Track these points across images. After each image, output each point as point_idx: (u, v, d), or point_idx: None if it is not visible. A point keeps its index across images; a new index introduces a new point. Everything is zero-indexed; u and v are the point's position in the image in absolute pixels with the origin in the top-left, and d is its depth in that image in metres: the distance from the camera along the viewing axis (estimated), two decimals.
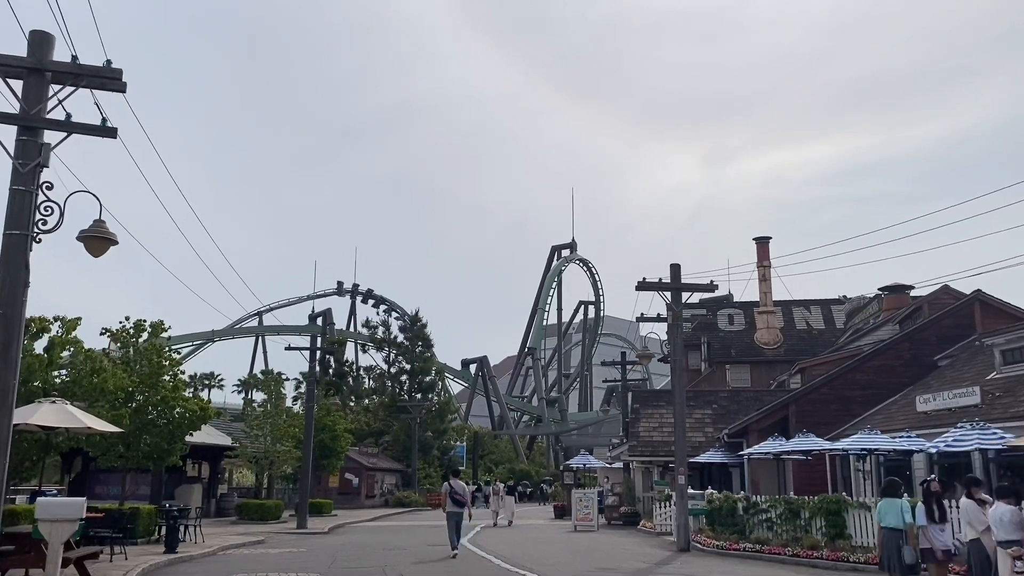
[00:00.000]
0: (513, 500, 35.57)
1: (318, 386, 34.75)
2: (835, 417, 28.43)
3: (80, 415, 13.87)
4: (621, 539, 25.46)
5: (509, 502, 33.75)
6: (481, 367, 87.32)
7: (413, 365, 63.60)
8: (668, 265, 22.81)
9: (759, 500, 21.11)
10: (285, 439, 37.14)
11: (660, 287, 22.45)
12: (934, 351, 28.42)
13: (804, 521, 19.53)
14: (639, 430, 34.49)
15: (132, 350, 22.43)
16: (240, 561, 18.54)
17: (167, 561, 17.46)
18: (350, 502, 49.31)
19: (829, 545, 18.00)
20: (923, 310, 32.46)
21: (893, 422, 24.43)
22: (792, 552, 18.27)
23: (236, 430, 39.87)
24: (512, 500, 35.14)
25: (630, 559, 18.91)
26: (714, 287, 22.52)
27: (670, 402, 36.23)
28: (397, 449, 60.62)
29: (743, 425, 30.27)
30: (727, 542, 20.27)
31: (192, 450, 31.34)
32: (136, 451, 22.12)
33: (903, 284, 40.32)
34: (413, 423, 56.75)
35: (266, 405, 39.09)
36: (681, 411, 22.21)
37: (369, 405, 63.48)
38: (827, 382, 29.36)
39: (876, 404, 28.20)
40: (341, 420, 43.35)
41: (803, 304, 56.45)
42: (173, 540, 19.11)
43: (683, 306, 22.45)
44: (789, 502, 19.96)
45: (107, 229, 11.58)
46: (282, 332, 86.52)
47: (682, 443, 22.04)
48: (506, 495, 34.26)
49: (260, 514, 33.88)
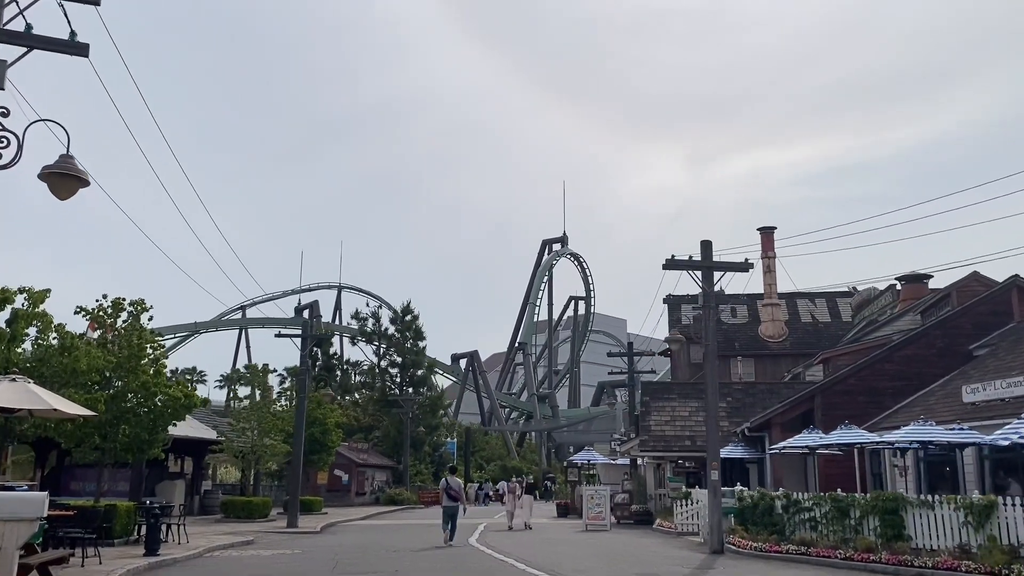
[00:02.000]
0: (532, 500, 30.80)
1: (308, 378, 32.67)
2: (863, 409, 26.70)
3: (46, 395, 11.83)
4: (641, 540, 23.60)
5: (527, 502, 29.51)
6: (471, 362, 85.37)
7: (404, 358, 61.52)
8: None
9: (801, 498, 19.29)
10: (273, 433, 35.05)
11: (691, 265, 20.59)
12: (969, 340, 26.74)
13: (854, 521, 17.72)
14: (649, 424, 32.66)
15: (109, 331, 20.33)
16: (229, 565, 16.53)
17: (147, 565, 15.42)
18: (340, 500, 47.28)
19: (886, 547, 16.19)
20: (951, 298, 30.78)
21: (934, 414, 22.66)
22: (844, 555, 16.45)
23: (221, 424, 37.76)
24: (531, 500, 30.50)
25: (664, 563, 17.05)
26: (749, 265, 20.70)
27: (682, 394, 34.60)
28: (387, 445, 58.54)
29: (765, 418, 28.48)
30: (765, 543, 18.43)
31: (175, 444, 29.28)
32: (114, 442, 20.04)
33: (921, 273, 38.66)
34: (405, 418, 54.69)
35: (252, 396, 36.96)
36: (714, 400, 20.38)
37: (359, 399, 61.35)
38: (854, 373, 27.62)
39: (907, 396, 26.50)
40: (332, 413, 41.26)
41: (808, 296, 54.92)
42: (154, 541, 17.07)
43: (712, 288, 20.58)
44: (837, 500, 18.14)
45: (76, 166, 9.57)
46: (267, 325, 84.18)
47: (715, 435, 20.21)
48: (524, 493, 29.97)
49: (247, 512, 31.82)
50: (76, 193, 9.68)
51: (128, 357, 19.73)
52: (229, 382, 76.80)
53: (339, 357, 67.55)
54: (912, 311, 35.28)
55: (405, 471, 54.21)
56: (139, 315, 20.92)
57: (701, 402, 33.82)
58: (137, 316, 20.88)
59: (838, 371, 28.90)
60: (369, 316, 65.11)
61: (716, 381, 20.73)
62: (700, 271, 20.65)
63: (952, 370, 26.12)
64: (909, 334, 28.09)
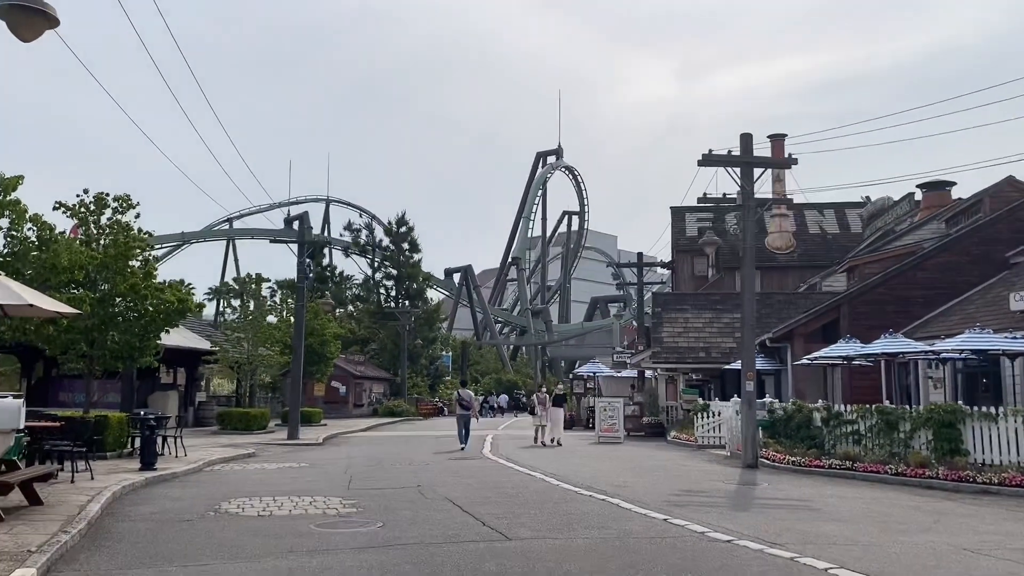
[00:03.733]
0: (562, 414, 27.61)
1: (306, 284, 31.04)
2: (892, 319, 25.36)
3: (20, 289, 10.18)
4: (663, 453, 22.53)
5: (557, 416, 26.26)
6: (465, 276, 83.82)
7: (400, 271, 59.88)
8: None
9: (844, 411, 18.05)
10: (269, 343, 33.67)
11: (729, 161, 18.86)
12: (1006, 247, 25.31)
13: (904, 435, 16.51)
14: (662, 335, 31.41)
15: (94, 227, 18.57)
16: (234, 480, 15.22)
17: (144, 481, 14.07)
18: (337, 411, 46.37)
19: (942, 462, 15.01)
20: (984, 204, 29.21)
21: (975, 322, 21.37)
22: (895, 471, 15.28)
23: (214, 335, 36.35)
24: (562, 413, 27.32)
25: (701, 478, 15.87)
26: (793, 161, 18.98)
27: (696, 305, 33.29)
28: (384, 358, 57.49)
29: (787, 329, 27.21)
30: (804, 458, 17.27)
31: (167, 353, 27.80)
32: (102, 349, 18.50)
33: (944, 180, 37.03)
34: (402, 330, 53.45)
35: (246, 306, 35.44)
36: (751, 305, 18.95)
37: (354, 312, 59.94)
38: (884, 281, 26.25)
39: (938, 305, 25.23)
40: (330, 324, 39.86)
41: (816, 208, 53.33)
42: (150, 454, 15.70)
43: (751, 187, 18.86)
44: (885, 412, 16.89)
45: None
46: (257, 236, 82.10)
47: (751, 344, 18.88)
48: (552, 406, 25.87)
49: (244, 424, 30.64)
50: (42, 35, 7.83)
51: (115, 257, 18.01)
52: (218, 295, 75.11)
53: (332, 269, 65.80)
54: (936, 219, 33.77)
55: (403, 383, 53.26)
56: (124, 212, 19.13)
57: (715, 313, 32.60)
58: (123, 213, 19.10)
59: (865, 280, 27.52)
60: (362, 228, 63.26)
61: (753, 287, 19.29)
62: (739, 167, 18.95)
63: (988, 278, 24.79)
64: (943, 240, 26.62)
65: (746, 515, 10.77)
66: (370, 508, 11.18)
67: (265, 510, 11.12)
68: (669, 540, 8.70)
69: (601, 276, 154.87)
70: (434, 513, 10.68)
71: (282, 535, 9.12)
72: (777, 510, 11.34)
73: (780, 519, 10.40)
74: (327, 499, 12.13)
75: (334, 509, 11.13)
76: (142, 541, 8.81)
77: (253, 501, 11.96)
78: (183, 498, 12.45)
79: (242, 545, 8.55)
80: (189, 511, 11.01)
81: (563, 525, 9.73)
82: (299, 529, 9.53)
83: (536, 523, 9.83)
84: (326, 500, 12.02)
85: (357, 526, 9.69)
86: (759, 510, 11.30)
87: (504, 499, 12.08)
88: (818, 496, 12.98)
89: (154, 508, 11.31)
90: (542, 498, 12.21)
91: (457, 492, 12.84)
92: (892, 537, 9.18)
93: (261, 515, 10.69)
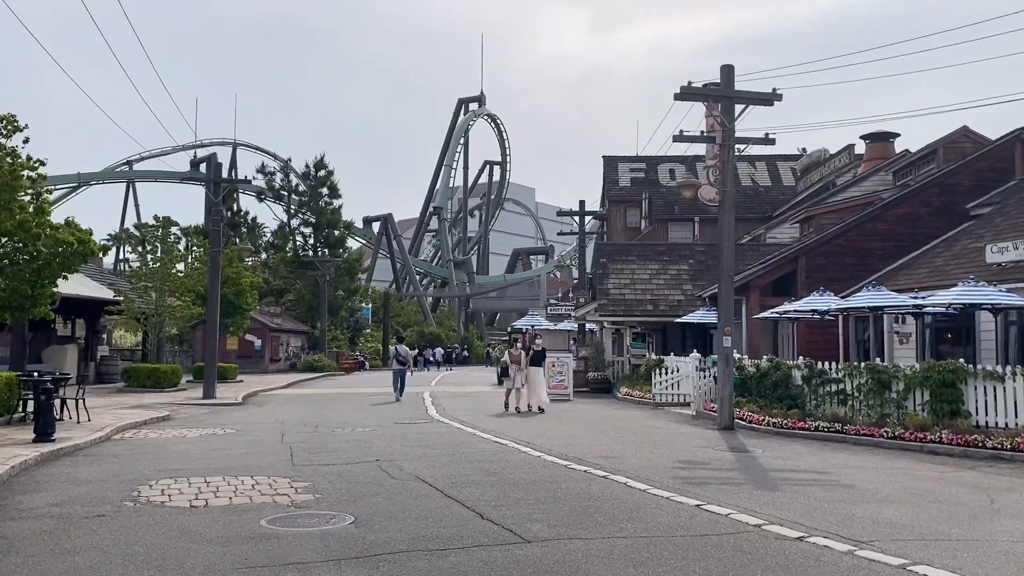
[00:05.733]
0: (542, 374, 21.55)
1: (221, 227, 28.14)
2: (851, 272, 24.53)
3: None
4: (625, 412, 21.03)
5: (537, 378, 20.82)
6: (385, 225, 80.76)
7: (318, 218, 56.65)
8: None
9: (829, 368, 16.77)
10: (180, 292, 30.71)
11: (709, 95, 17.12)
12: (966, 198, 24.59)
13: (897, 395, 15.32)
14: (608, 287, 29.89)
15: None
16: (152, 452, 12.88)
17: (40, 457, 11.61)
18: (253, 367, 43.54)
19: (943, 425, 13.85)
20: (937, 155, 28.55)
21: (947, 276, 20.47)
22: (892, 433, 14.07)
23: (117, 283, 33.07)
24: (542, 374, 21.42)
25: (687, 445, 14.33)
26: (777, 96, 17.29)
27: (642, 256, 31.82)
28: (302, 309, 54.58)
29: (743, 281, 25.88)
30: (785, 420, 15.95)
31: (64, 303, 24.75)
32: None
33: (887, 132, 36.45)
34: (322, 280, 50.61)
35: (154, 252, 32.25)
36: (730, 254, 17.42)
37: (268, 261, 56.56)
38: (842, 232, 25.25)
39: (897, 258, 24.39)
40: (246, 273, 36.91)
41: (747, 159, 52.43)
42: (46, 422, 13.18)
43: (733, 125, 17.16)
44: (876, 371, 15.65)
45: None
46: (160, 179, 77.06)
47: (729, 293, 17.38)
48: (530, 364, 20.73)
49: (154, 381, 27.86)
50: None
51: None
52: (118, 241, 70.09)
53: (244, 215, 61.92)
54: (883, 170, 33.13)
55: (322, 337, 50.62)
56: (10, 136, 16.16)
57: (662, 264, 31.25)
58: (7, 137, 16.12)
59: (822, 231, 26.46)
60: (277, 171, 59.49)
61: (732, 234, 17.72)
62: (719, 102, 17.23)
63: (947, 230, 24.03)
64: (904, 191, 25.71)
65: (779, 495, 9.18)
66: (329, 493, 9.13)
67: (198, 497, 8.95)
68: (729, 539, 6.97)
69: (521, 228, 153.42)
70: (412, 500, 8.71)
71: (228, 539, 7.00)
72: (806, 487, 9.80)
73: (823, 500, 8.85)
74: (272, 480, 10.01)
75: (285, 495, 9.04)
76: (39, 554, 6.56)
77: (180, 484, 9.75)
78: (91, 480, 10.13)
79: (179, 557, 6.41)
80: (101, 500, 8.76)
81: (580, 516, 7.91)
82: (249, 528, 7.43)
83: (546, 514, 7.97)
84: (271, 482, 9.90)
85: (322, 522, 7.65)
86: (787, 487, 9.73)
87: (487, 478, 10.18)
88: (832, 467, 11.57)
89: (54, 497, 8.99)
90: (531, 476, 10.36)
91: (428, 469, 10.87)
92: (973, 525, 7.71)
93: (194, 506, 8.52)
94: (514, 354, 21.33)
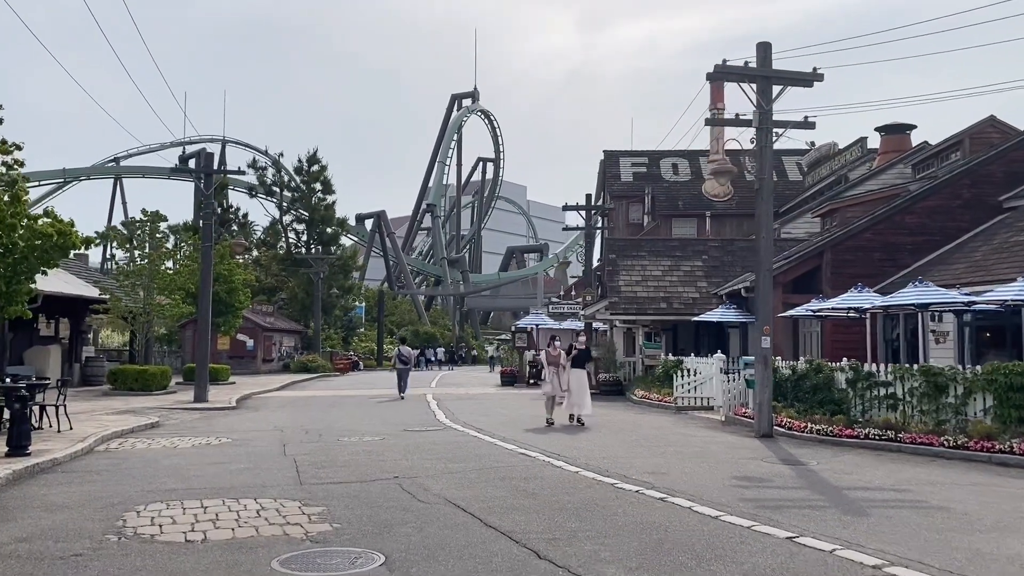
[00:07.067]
0: (586, 377, 17.79)
1: (213, 221, 26.69)
2: (879, 267, 23.33)
3: None
4: (648, 417, 19.70)
5: (580, 383, 17.16)
6: (379, 222, 79.35)
7: (312, 214, 55.08)
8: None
9: (877, 370, 15.49)
10: (170, 290, 29.25)
11: (744, 74, 15.82)
12: (999, 190, 23.42)
13: (955, 400, 14.06)
14: (619, 284, 28.57)
15: None
16: (140, 468, 11.48)
17: (11, 476, 10.20)
18: (244, 367, 42.13)
19: (1013, 433, 12.57)
20: (963, 145, 27.34)
21: (989, 272, 19.26)
22: (953, 443, 12.80)
23: (103, 281, 31.58)
24: (586, 378, 17.68)
25: (731, 456, 13.05)
26: (818, 76, 16.04)
27: (653, 251, 30.50)
28: (295, 308, 53.07)
29: None
30: (830, 426, 14.68)
31: (47, 301, 23.33)
32: None
33: (903, 123, 35.27)
34: (316, 278, 49.12)
35: (142, 247, 30.74)
36: (768, 246, 16.14)
37: (260, 258, 54.98)
38: (871, 225, 23.99)
39: (926, 253, 23.22)
40: (239, 270, 35.44)
41: (751, 154, 51.19)
42: (20, 434, 11.77)
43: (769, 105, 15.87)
44: (931, 373, 14.38)
45: None
46: (148, 174, 75.37)
47: (767, 289, 16.08)
48: (571, 366, 17.16)
49: (141, 384, 26.40)
50: None
51: None
52: (106, 239, 68.33)
53: (236, 211, 60.24)
54: (901, 163, 31.95)
55: (316, 336, 49.15)
56: None
57: (674, 260, 29.98)
58: None
59: (847, 225, 25.20)
60: (269, 165, 57.92)
61: (771, 224, 16.46)
62: (755, 82, 15.94)
63: (980, 223, 22.88)
64: (934, 183, 24.47)
65: (872, 522, 7.88)
66: (349, 522, 7.77)
67: (195, 528, 7.58)
68: None
69: (513, 226, 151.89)
70: (448, 532, 7.36)
71: None
72: (896, 510, 8.51)
73: (927, 529, 7.55)
74: (280, 504, 8.64)
75: (297, 525, 7.68)
76: None
77: (173, 510, 8.38)
78: (69, 505, 8.74)
79: None
80: (78, 533, 7.38)
81: (656, 552, 6.58)
82: (259, 573, 6.08)
83: (615, 551, 6.64)
84: (279, 506, 8.53)
85: (347, 563, 6.31)
86: (875, 511, 8.43)
87: (527, 501, 8.83)
88: (905, 482, 10.29)
89: (22, 529, 7.59)
90: (578, 499, 9.01)
91: (456, 489, 9.52)
92: None
93: (190, 540, 7.14)
94: (552, 353, 17.50)
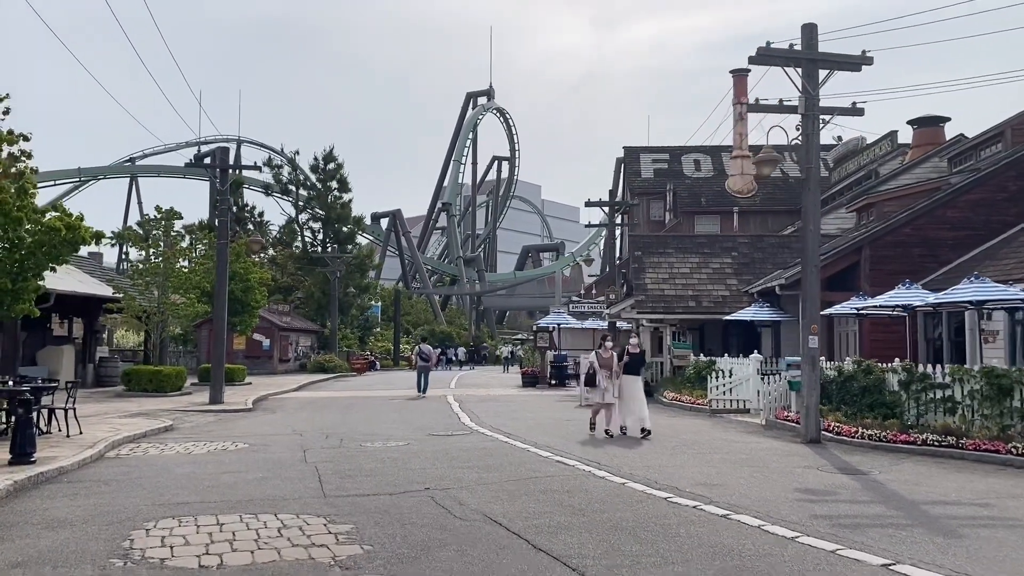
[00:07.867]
0: (641, 384, 15.82)
1: (229, 217, 25.99)
2: (919, 264, 22.41)
3: None
4: (684, 421, 18.82)
5: (634, 390, 15.46)
6: (394, 221, 78.67)
7: (328, 213, 54.42)
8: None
9: (933, 371, 14.56)
10: (186, 289, 28.59)
11: (789, 58, 14.90)
12: None
13: (1021, 403, 13.11)
14: (645, 282, 27.68)
15: None
16: (151, 478, 10.70)
17: (12, 487, 9.45)
18: (260, 367, 41.50)
19: None
20: (1004, 136, 26.32)
21: None
22: (1022, 450, 11.89)
23: (117, 280, 30.98)
24: (641, 384, 15.80)
25: (783, 465, 12.18)
26: (868, 59, 15.13)
27: (680, 248, 29.58)
28: (311, 307, 52.43)
29: (795, 277, 23.69)
30: (883, 431, 13.77)
31: (60, 301, 22.75)
32: None
33: (937, 116, 34.20)
34: (332, 277, 48.45)
35: (156, 246, 30.09)
36: (814, 241, 15.24)
37: (276, 257, 54.39)
38: (910, 220, 23.03)
39: (968, 249, 22.29)
40: (255, 268, 34.78)
41: (776, 148, 50.15)
42: (25, 441, 11.03)
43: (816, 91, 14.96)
44: (995, 375, 13.43)
45: None
46: (164, 173, 75.04)
47: (814, 286, 15.15)
48: (625, 373, 15.46)
49: (156, 385, 25.71)
50: None
51: None
52: (121, 240, 67.96)
53: (251, 210, 59.70)
54: (936, 156, 30.90)
55: (333, 335, 48.48)
56: None
57: (702, 257, 29.07)
58: None
59: (885, 219, 24.23)
60: (285, 164, 57.26)
61: (818, 217, 15.60)
62: (800, 66, 15.03)
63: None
64: (978, 175, 23.45)
65: (971, 545, 7.00)
66: (381, 543, 6.95)
67: (209, 551, 6.78)
68: None
69: (527, 226, 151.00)
70: (494, 556, 6.53)
71: None
72: (989, 530, 7.62)
73: None
74: (303, 521, 7.83)
75: (323, 547, 6.86)
76: None
77: (186, 527, 7.59)
78: (72, 521, 7.96)
79: None
80: (80, 556, 6.59)
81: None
82: None
83: None
84: (302, 523, 7.72)
85: None
86: (967, 531, 7.54)
87: (575, 518, 7.97)
88: (984, 496, 9.39)
89: (19, 551, 6.81)
90: (632, 515, 8.14)
91: (495, 503, 8.68)
92: None
93: (205, 566, 6.34)
94: (604, 356, 15.59)
